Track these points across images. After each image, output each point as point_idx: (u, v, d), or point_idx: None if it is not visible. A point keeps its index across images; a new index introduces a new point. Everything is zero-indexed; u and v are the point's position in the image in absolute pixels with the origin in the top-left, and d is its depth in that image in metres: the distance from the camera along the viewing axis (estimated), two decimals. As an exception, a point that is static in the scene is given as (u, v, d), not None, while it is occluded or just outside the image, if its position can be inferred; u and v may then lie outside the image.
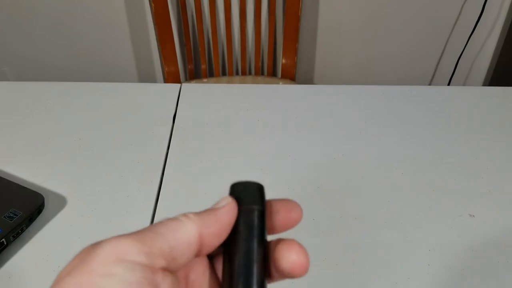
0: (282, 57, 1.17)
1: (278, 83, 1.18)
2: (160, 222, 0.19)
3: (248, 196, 0.21)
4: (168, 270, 0.18)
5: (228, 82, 1.19)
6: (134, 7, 1.23)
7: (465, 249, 0.47)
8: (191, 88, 0.70)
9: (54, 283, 0.17)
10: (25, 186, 0.50)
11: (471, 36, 1.27)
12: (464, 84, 1.40)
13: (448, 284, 0.44)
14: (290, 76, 1.18)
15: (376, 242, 0.48)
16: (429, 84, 1.42)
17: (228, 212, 0.20)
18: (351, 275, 0.45)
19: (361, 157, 0.58)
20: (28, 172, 0.54)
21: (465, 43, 1.29)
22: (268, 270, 0.21)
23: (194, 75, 1.23)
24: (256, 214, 0.21)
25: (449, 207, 0.51)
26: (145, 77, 1.36)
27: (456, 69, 1.34)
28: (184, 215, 0.20)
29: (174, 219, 0.20)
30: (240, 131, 0.62)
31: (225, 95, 0.69)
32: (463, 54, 1.31)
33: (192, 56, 1.20)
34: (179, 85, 0.70)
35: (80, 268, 0.17)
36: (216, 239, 0.20)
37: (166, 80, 1.18)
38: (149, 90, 0.70)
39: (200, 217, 0.20)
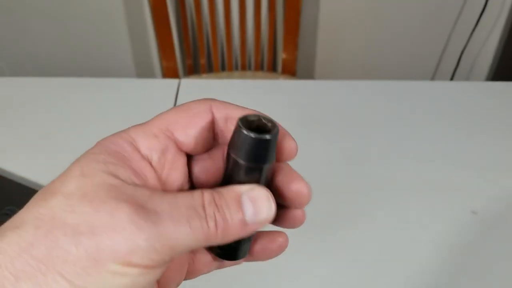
0: (282, 52, 1.16)
1: (279, 78, 1.17)
2: (186, 219, 0.16)
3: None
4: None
5: (227, 77, 1.18)
6: (132, 1, 1.21)
7: (468, 246, 0.47)
8: (190, 84, 0.69)
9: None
10: (22, 183, 0.50)
11: (474, 31, 1.26)
12: (466, 80, 1.39)
13: (450, 281, 0.44)
14: (291, 71, 1.17)
15: (377, 239, 0.47)
16: (432, 80, 1.41)
17: (258, 228, 0.17)
18: (352, 273, 0.44)
19: (362, 153, 0.57)
20: (25, 169, 0.53)
21: (468, 38, 1.28)
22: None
23: (193, 70, 1.22)
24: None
25: (452, 204, 0.51)
26: (143, 72, 1.35)
27: (459, 64, 1.33)
28: (213, 220, 0.16)
29: (201, 219, 0.16)
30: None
31: (224, 91, 0.68)
32: (465, 49, 1.30)
33: (190, 51, 1.19)
34: (177, 80, 0.69)
35: (88, 259, 0.15)
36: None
37: (164, 75, 1.17)
38: (147, 86, 0.69)
39: (225, 232, 0.17)
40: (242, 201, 0.17)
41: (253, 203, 0.17)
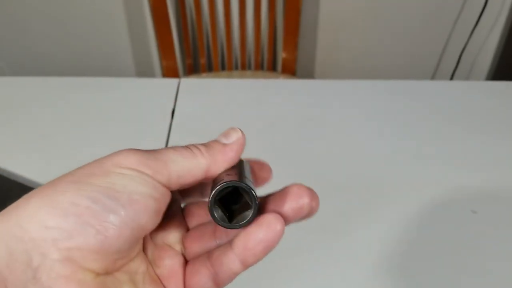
0: (282, 51, 1.16)
1: (278, 78, 1.17)
2: (173, 149, 0.20)
3: None
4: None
5: (227, 77, 1.18)
6: (132, 1, 1.21)
7: (467, 246, 0.47)
8: (190, 83, 0.69)
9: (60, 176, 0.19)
10: (22, 182, 0.50)
11: (474, 31, 1.26)
12: (466, 79, 1.39)
13: (450, 281, 0.44)
14: (291, 71, 1.17)
15: (377, 239, 0.47)
16: (431, 79, 1.41)
17: (238, 149, 0.22)
18: (353, 272, 0.44)
19: (362, 153, 0.57)
20: (25, 168, 0.53)
21: (468, 38, 1.28)
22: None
23: (193, 69, 1.22)
24: None
25: (452, 203, 0.51)
26: (143, 71, 1.35)
27: (459, 64, 1.33)
28: (196, 147, 0.21)
29: (187, 149, 0.21)
30: (239, 127, 0.61)
31: (224, 90, 0.68)
32: (465, 49, 1.30)
33: (190, 51, 1.19)
34: (177, 79, 0.69)
35: (94, 165, 0.19)
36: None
37: (164, 75, 1.17)
38: (147, 85, 0.69)
39: (211, 154, 0.21)
40: (217, 139, 0.22)
41: (224, 134, 0.23)
